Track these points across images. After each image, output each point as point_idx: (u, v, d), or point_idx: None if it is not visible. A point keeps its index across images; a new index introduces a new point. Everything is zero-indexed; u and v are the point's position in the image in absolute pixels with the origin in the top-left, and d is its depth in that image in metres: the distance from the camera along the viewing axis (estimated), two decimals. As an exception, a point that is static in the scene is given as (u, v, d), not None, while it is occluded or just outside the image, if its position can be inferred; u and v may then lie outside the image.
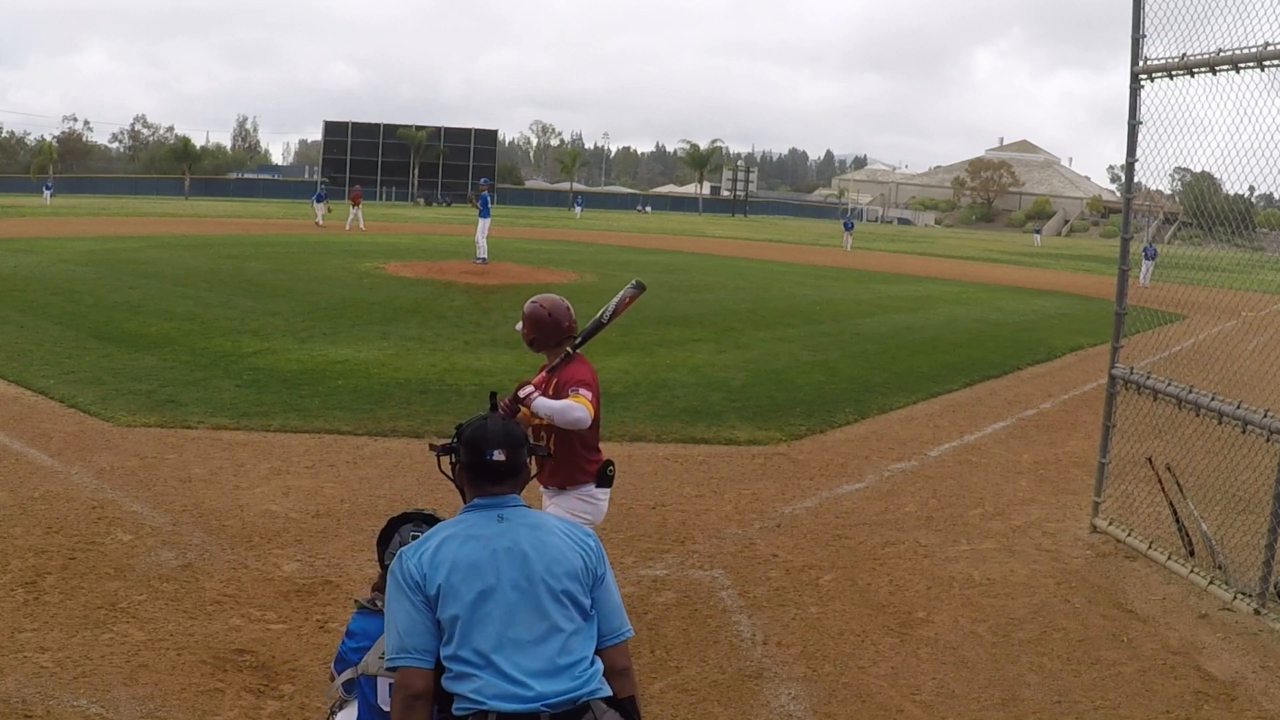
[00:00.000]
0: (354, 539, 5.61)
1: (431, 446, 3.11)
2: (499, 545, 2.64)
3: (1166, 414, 5.97)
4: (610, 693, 2.70)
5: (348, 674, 3.03)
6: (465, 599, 2.56)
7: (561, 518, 3.02)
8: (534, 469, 3.11)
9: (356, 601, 3.22)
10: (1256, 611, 5.14)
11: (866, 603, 5.15)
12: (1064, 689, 4.32)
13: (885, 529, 6.29)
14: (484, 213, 23.50)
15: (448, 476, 2.98)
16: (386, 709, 2.84)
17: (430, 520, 3.12)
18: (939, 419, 9.59)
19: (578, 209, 74.66)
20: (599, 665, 2.69)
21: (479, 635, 2.54)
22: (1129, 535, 6.18)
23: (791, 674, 4.35)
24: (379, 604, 2.99)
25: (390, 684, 2.70)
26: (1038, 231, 72.59)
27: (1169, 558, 5.83)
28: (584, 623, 2.68)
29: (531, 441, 2.98)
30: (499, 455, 2.75)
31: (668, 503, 6.54)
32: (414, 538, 2.83)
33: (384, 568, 3.08)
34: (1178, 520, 6.06)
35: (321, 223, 39.34)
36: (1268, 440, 5.07)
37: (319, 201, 42.40)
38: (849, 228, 47.08)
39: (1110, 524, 6.37)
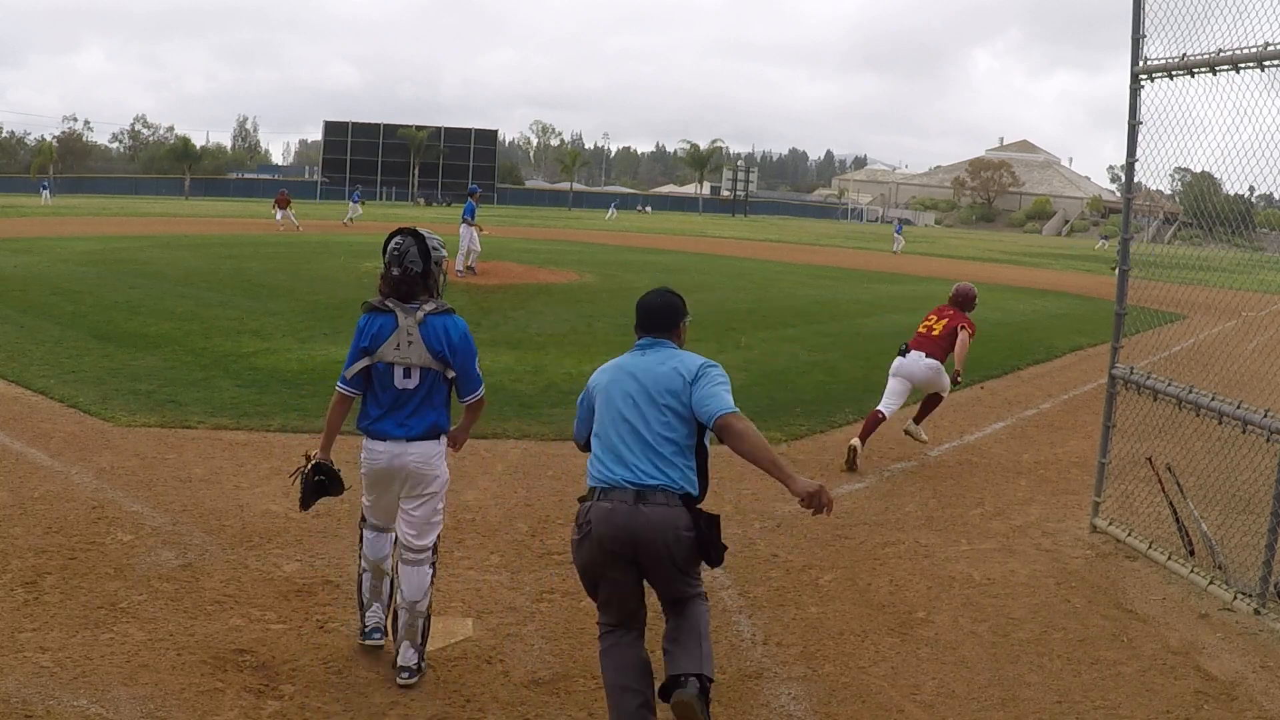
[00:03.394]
0: (354, 539, 5.59)
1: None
2: (632, 367, 3.75)
3: (1166, 414, 5.96)
4: (694, 492, 3.64)
5: (363, 363, 4.03)
6: (600, 394, 3.75)
7: (691, 353, 3.84)
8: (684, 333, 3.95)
9: (366, 303, 4.11)
10: (1256, 611, 5.14)
11: (866, 603, 5.15)
12: (1064, 689, 4.32)
13: (885, 529, 6.29)
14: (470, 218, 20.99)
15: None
16: (400, 387, 4.04)
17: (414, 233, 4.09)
18: (939, 419, 9.58)
19: (613, 211, 73.72)
20: (681, 468, 3.61)
21: (600, 427, 3.70)
22: (1129, 535, 6.18)
23: (791, 674, 4.35)
24: (388, 305, 4.04)
25: (405, 369, 4.01)
26: (1105, 238, 65.95)
27: (1169, 558, 5.83)
28: (679, 426, 3.61)
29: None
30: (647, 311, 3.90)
31: (668, 503, 6.53)
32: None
33: (406, 272, 4.04)
34: (1178, 520, 6.06)
35: (349, 222, 38.97)
36: (1268, 440, 5.07)
37: (356, 201, 42.59)
38: (900, 230, 46.47)
39: (1110, 524, 6.37)
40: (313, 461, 4.23)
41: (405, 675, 4.07)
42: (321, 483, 4.27)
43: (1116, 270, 6.25)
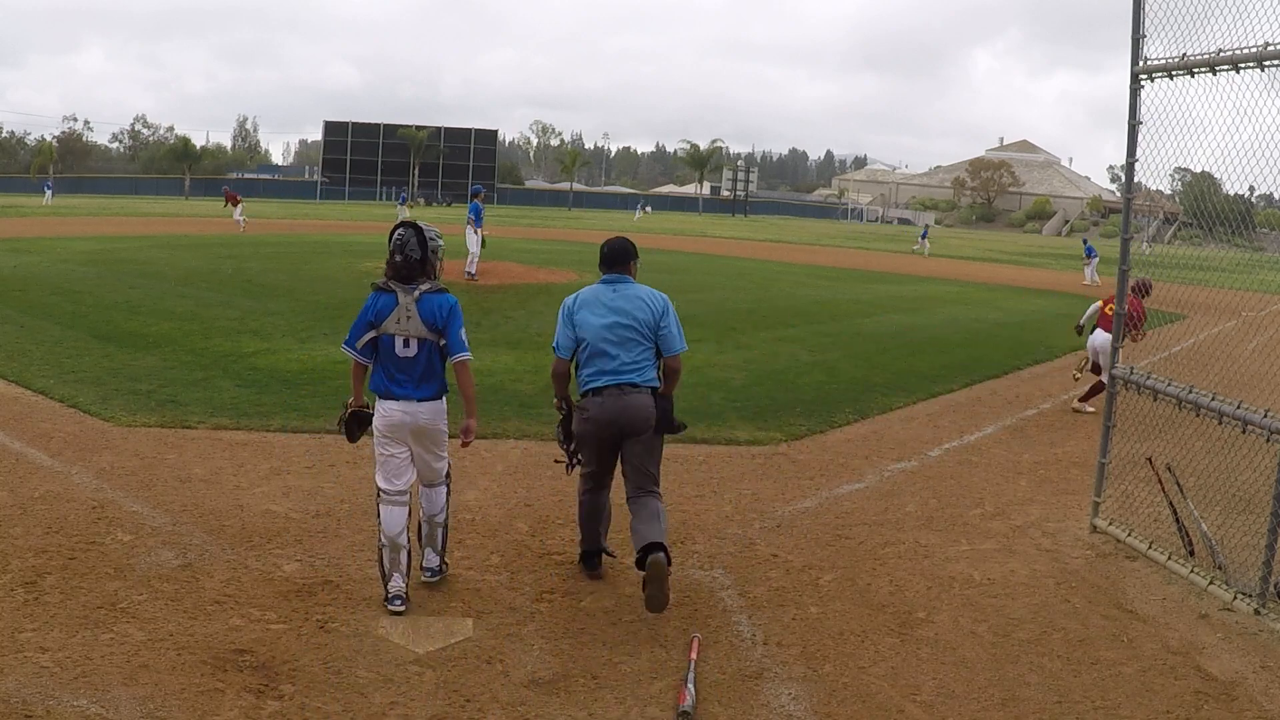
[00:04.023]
0: (354, 539, 5.61)
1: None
2: (606, 300, 5.12)
3: (1166, 414, 5.97)
4: (657, 386, 5.11)
5: (369, 335, 4.78)
6: (585, 325, 5.05)
7: (648, 288, 5.29)
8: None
9: (373, 284, 4.88)
10: (1256, 611, 5.14)
11: (866, 603, 5.15)
12: (1064, 689, 4.32)
13: (885, 529, 6.29)
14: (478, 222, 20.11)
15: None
16: (401, 355, 4.77)
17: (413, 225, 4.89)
18: (939, 419, 9.59)
19: (645, 209, 73.20)
20: (653, 372, 5.09)
21: (592, 347, 5.02)
22: (1129, 535, 6.18)
23: (791, 674, 4.35)
24: (391, 286, 4.80)
25: (404, 339, 4.76)
26: (1149, 242, 65.92)
27: (1169, 558, 5.83)
28: (647, 346, 5.08)
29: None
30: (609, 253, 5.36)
31: (668, 503, 6.51)
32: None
33: (407, 259, 4.80)
34: (1178, 520, 6.06)
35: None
36: (1268, 440, 5.07)
37: (403, 204, 42.53)
38: (925, 235, 45.83)
39: (1110, 524, 6.37)
40: (350, 409, 5.10)
41: (428, 574, 5.04)
42: (361, 419, 5.09)
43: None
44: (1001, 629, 4.91)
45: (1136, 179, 6.16)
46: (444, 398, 4.91)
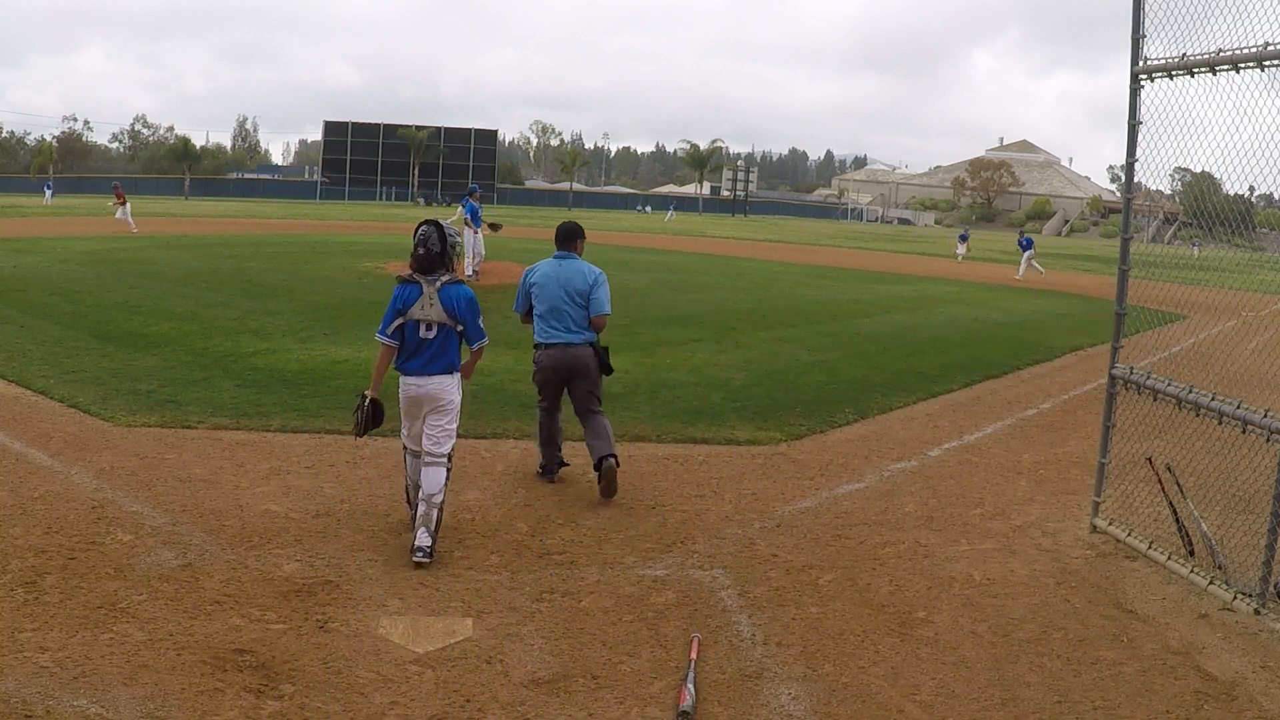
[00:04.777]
0: (354, 539, 5.62)
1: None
2: (554, 272, 6.55)
3: (1166, 414, 5.96)
4: (594, 340, 6.62)
5: (398, 321, 5.43)
6: (539, 295, 6.55)
7: (588, 264, 6.68)
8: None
9: (398, 277, 5.55)
10: (1256, 611, 5.14)
11: (866, 603, 5.15)
12: (1064, 689, 4.32)
13: (885, 529, 6.29)
14: (475, 222, 19.83)
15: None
16: (422, 338, 5.45)
17: (435, 224, 5.61)
18: (939, 419, 9.59)
19: (671, 212, 73.31)
20: (585, 329, 6.57)
21: (542, 308, 6.54)
22: (1129, 535, 6.18)
23: (791, 674, 4.35)
24: (415, 278, 5.47)
25: (426, 324, 5.44)
26: (1196, 244, 62.12)
27: (1169, 558, 5.83)
28: (583, 308, 6.53)
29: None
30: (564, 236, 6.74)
31: (668, 503, 6.54)
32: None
33: (429, 252, 5.48)
34: (1178, 520, 6.06)
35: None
36: (1268, 440, 5.07)
37: (425, 204, 42.24)
38: (964, 239, 43.93)
39: (1110, 524, 6.37)
40: (369, 399, 5.61)
41: (419, 554, 5.26)
42: (373, 413, 5.63)
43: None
44: (1001, 629, 4.91)
45: (1136, 179, 6.15)
46: (454, 373, 5.59)
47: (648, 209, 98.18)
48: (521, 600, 4.95)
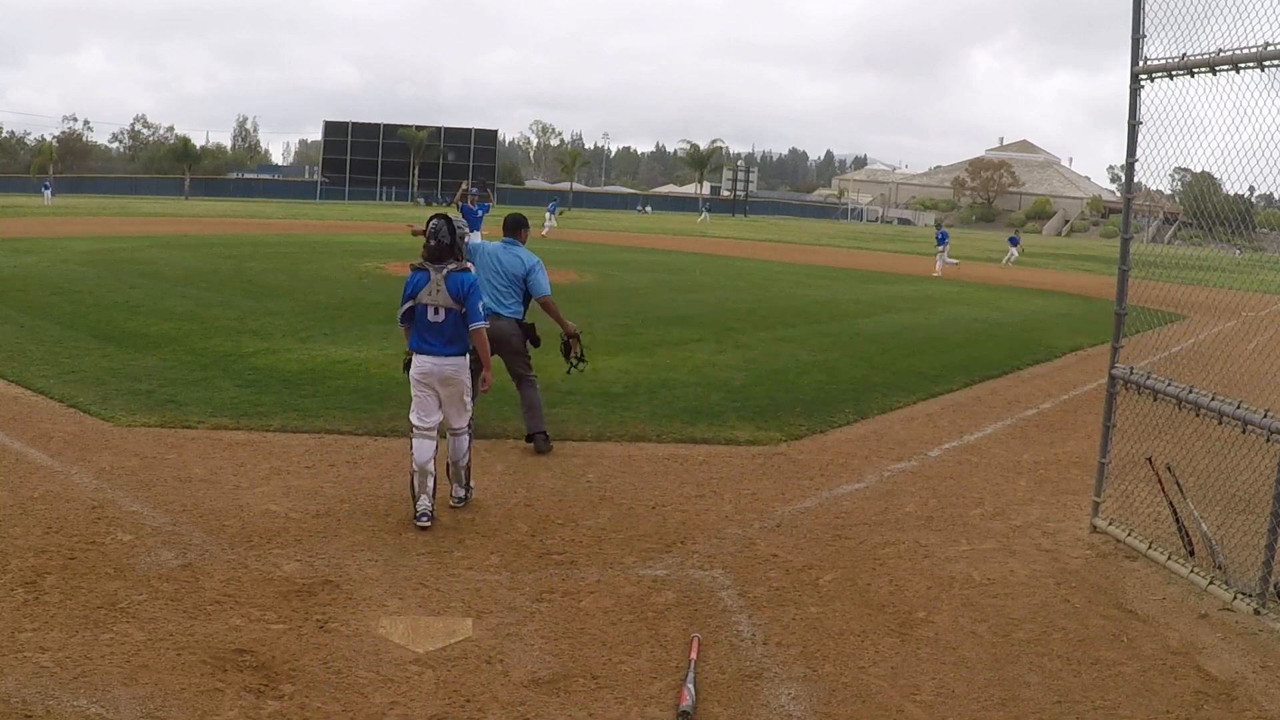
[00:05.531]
0: (354, 539, 5.62)
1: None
2: (500, 254, 7.57)
3: (1166, 414, 5.96)
4: (522, 317, 7.56)
5: (408, 304, 5.95)
6: (482, 274, 7.10)
7: (528, 251, 7.71)
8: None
9: (411, 265, 6.09)
10: (1256, 611, 5.14)
11: (866, 603, 5.15)
12: (1064, 689, 4.32)
13: (885, 529, 6.29)
14: (474, 225, 18.84)
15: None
16: (431, 321, 5.93)
17: (445, 217, 6.12)
18: (939, 419, 9.59)
19: (704, 214, 73.90)
20: (518, 307, 7.53)
21: (485, 288, 7.06)
22: (1129, 535, 6.18)
23: (791, 674, 4.35)
24: (425, 266, 5.96)
25: (434, 308, 5.91)
26: (1238, 249, 57.10)
27: (1169, 558, 5.83)
28: (518, 289, 7.53)
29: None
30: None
31: (668, 503, 6.54)
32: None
33: (439, 244, 5.99)
34: (1178, 520, 6.06)
35: (546, 233, 38.55)
36: (1268, 440, 5.07)
37: (552, 212, 42.57)
38: (1015, 241, 40.43)
39: (1110, 524, 6.37)
40: (410, 356, 6.22)
41: (455, 500, 6.23)
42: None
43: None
44: (1001, 629, 4.91)
45: (1136, 179, 6.15)
46: (466, 355, 6.04)
47: (648, 209, 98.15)
48: (521, 600, 4.95)
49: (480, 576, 5.22)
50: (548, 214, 43.84)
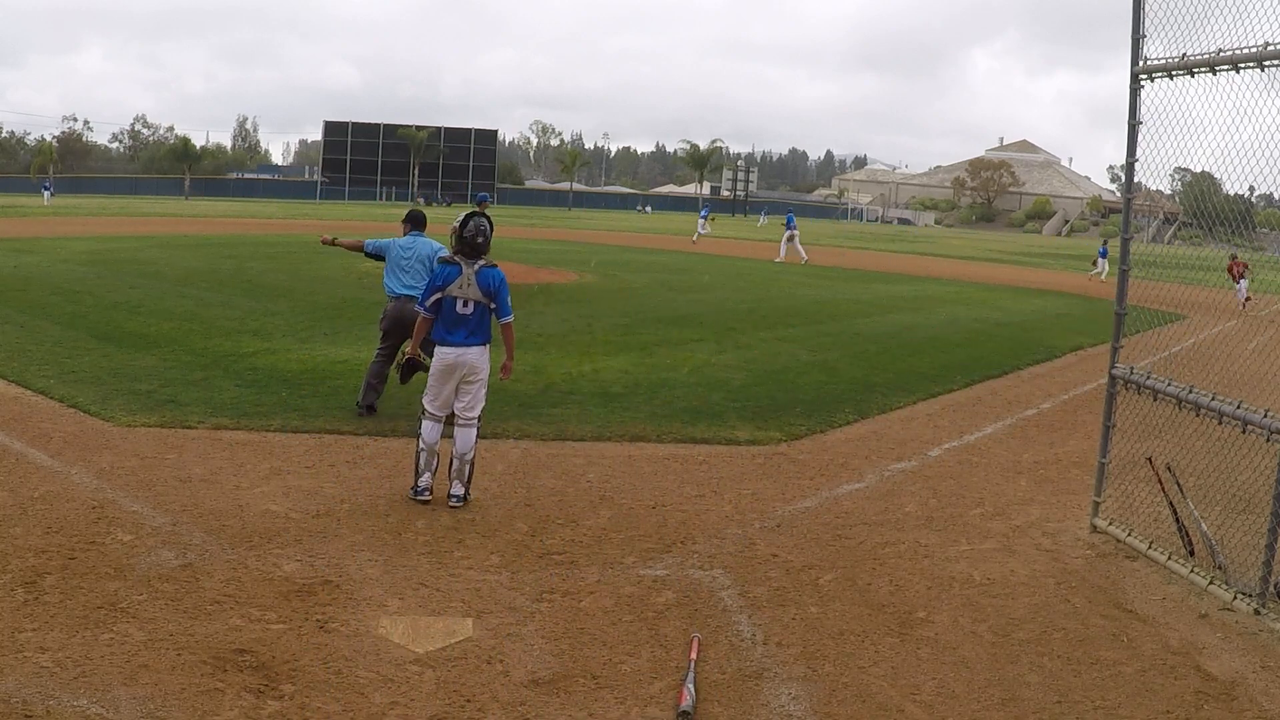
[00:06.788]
0: (354, 539, 5.62)
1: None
2: (411, 244, 8.52)
3: (1166, 414, 5.96)
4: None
5: (436, 295, 6.24)
6: (402, 254, 8.51)
7: (436, 241, 8.10)
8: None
9: (440, 258, 6.50)
10: (1256, 611, 5.14)
11: (866, 603, 5.15)
12: (1064, 689, 4.32)
13: (885, 529, 6.29)
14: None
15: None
16: (459, 313, 6.22)
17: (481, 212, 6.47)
18: (939, 419, 9.59)
19: (763, 218, 74.27)
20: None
21: (398, 266, 8.52)
22: (1129, 535, 6.18)
23: (791, 674, 4.35)
24: (457, 260, 6.28)
25: (463, 301, 6.23)
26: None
27: (1169, 558, 5.83)
28: (426, 272, 7.88)
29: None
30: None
31: (668, 503, 6.54)
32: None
33: (485, 240, 6.39)
34: (1178, 520, 6.06)
35: (695, 240, 38.44)
36: (1268, 440, 5.07)
37: (704, 218, 42.63)
38: (1104, 253, 32.84)
39: (1110, 524, 6.37)
40: (409, 356, 6.78)
41: (454, 500, 6.22)
42: (413, 367, 6.91)
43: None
44: (1001, 629, 4.91)
45: (1136, 179, 6.16)
46: (488, 345, 6.35)
47: (648, 209, 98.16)
48: (521, 600, 4.96)
49: (480, 576, 5.22)
50: (700, 219, 43.81)
